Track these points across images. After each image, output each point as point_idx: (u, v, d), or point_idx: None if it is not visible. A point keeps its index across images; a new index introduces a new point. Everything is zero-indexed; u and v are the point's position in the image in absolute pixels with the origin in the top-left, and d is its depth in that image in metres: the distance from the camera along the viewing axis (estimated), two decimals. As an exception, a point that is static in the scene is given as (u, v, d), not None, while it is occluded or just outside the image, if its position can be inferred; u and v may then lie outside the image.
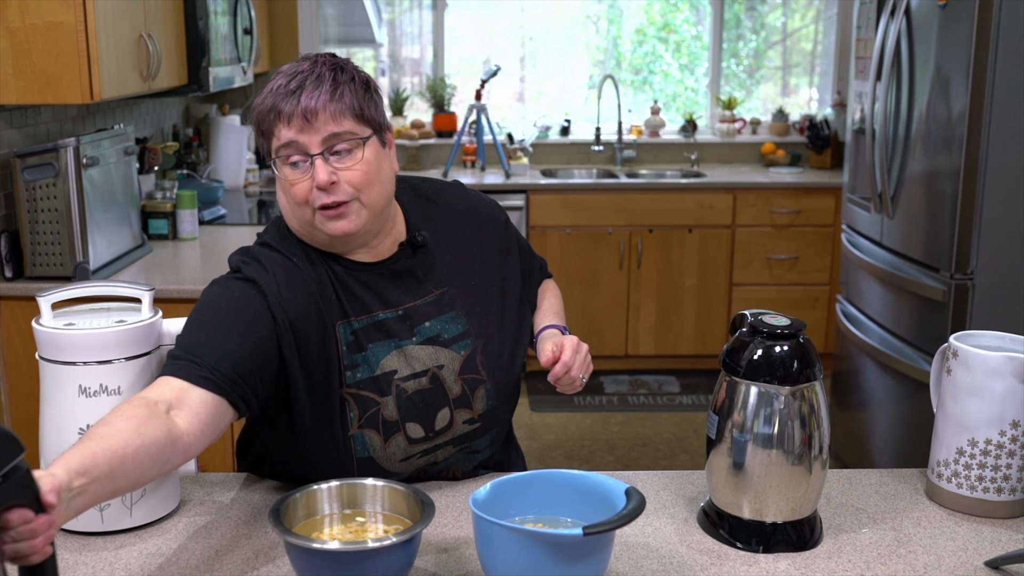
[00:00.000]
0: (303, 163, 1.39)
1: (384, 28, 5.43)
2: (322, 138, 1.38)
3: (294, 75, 1.40)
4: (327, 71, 1.40)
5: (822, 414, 1.32)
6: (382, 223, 1.47)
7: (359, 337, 1.44)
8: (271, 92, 1.40)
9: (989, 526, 1.39)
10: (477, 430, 1.53)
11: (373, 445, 1.44)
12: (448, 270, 1.55)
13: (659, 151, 5.33)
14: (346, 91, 1.40)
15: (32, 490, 0.99)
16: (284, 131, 1.39)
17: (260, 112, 1.42)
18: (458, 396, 1.50)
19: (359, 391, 1.44)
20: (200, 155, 4.36)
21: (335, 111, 1.38)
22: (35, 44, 2.59)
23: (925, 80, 3.14)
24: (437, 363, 1.49)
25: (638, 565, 1.28)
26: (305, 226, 1.43)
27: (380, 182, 1.42)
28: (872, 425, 3.54)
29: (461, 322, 1.53)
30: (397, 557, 1.14)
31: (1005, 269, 2.98)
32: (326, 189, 1.38)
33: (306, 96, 1.37)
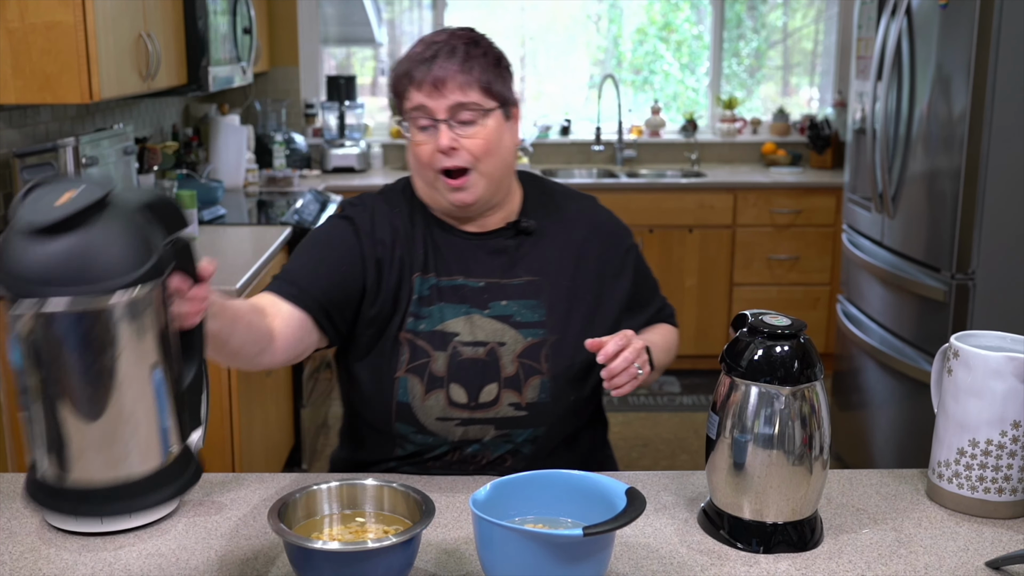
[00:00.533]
0: (430, 127, 1.50)
1: (384, 28, 5.43)
2: (448, 105, 1.48)
3: (431, 44, 1.51)
4: (461, 44, 1.51)
5: (823, 414, 1.32)
6: (499, 195, 1.56)
7: (433, 293, 1.54)
8: (408, 58, 1.52)
9: (990, 526, 1.39)
10: (521, 419, 1.54)
11: (413, 393, 1.52)
12: (545, 263, 1.59)
13: (659, 151, 5.33)
14: (476, 65, 1.50)
15: (192, 262, 1.11)
16: (415, 95, 1.50)
17: (396, 75, 1.53)
18: (510, 376, 1.53)
19: (415, 339, 1.53)
20: (199, 155, 4.36)
21: (463, 82, 1.48)
22: (34, 44, 2.59)
23: (926, 80, 3.14)
24: (500, 340, 1.54)
25: (638, 565, 1.28)
26: (428, 188, 1.54)
27: (499, 153, 1.52)
28: (873, 425, 3.54)
29: (540, 312, 1.56)
30: (397, 557, 1.14)
31: (1006, 269, 2.98)
32: (447, 153, 1.49)
33: (438, 65, 1.48)
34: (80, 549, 1.32)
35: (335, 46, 5.48)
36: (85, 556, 1.30)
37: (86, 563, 1.28)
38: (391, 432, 1.56)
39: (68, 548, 1.32)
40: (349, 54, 5.62)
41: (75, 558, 1.29)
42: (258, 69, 4.60)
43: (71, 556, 1.30)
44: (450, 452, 1.56)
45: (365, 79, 5.63)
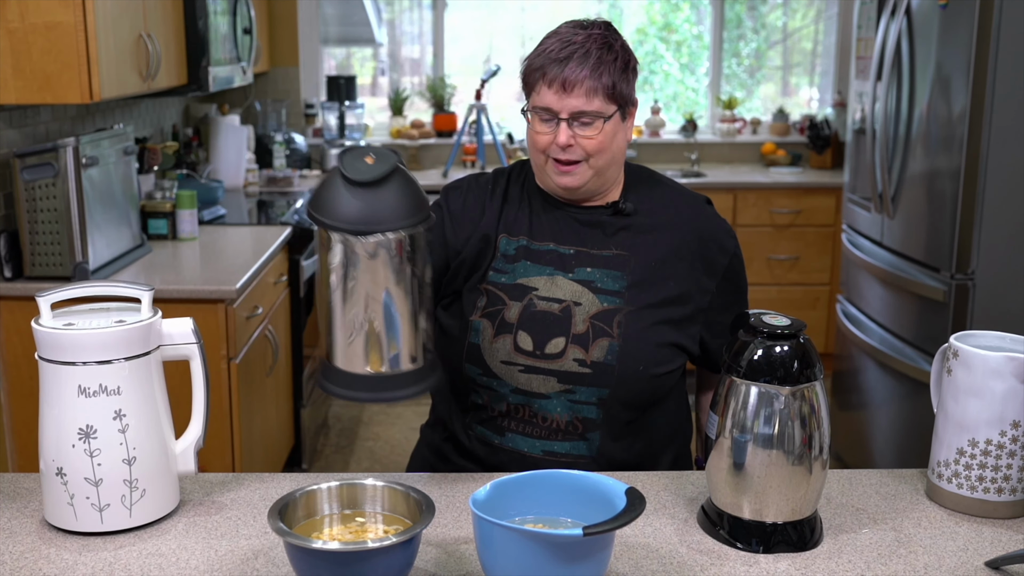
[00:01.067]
0: (551, 121, 1.59)
1: (384, 28, 5.43)
2: (572, 110, 1.57)
3: (567, 43, 1.59)
4: (595, 48, 1.58)
5: (822, 414, 1.32)
6: (605, 185, 1.66)
7: (520, 252, 1.65)
8: (543, 53, 1.60)
9: (989, 526, 1.39)
10: (584, 376, 1.59)
11: (484, 335, 1.61)
12: (637, 241, 1.66)
13: (659, 151, 5.33)
14: (605, 72, 1.58)
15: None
16: (544, 91, 1.59)
17: (530, 68, 1.62)
18: (579, 334, 1.60)
19: (495, 289, 1.64)
20: (200, 155, 4.36)
21: (590, 88, 1.57)
22: (34, 44, 2.59)
23: (926, 80, 3.14)
24: (576, 300, 1.61)
25: (638, 565, 1.28)
26: (539, 169, 1.66)
27: (611, 151, 1.61)
28: (872, 425, 3.54)
29: (621, 283, 1.63)
30: (397, 557, 1.14)
31: (1006, 269, 2.98)
32: (563, 148, 1.59)
33: (570, 68, 1.57)
34: (80, 549, 1.32)
35: (335, 46, 5.48)
36: (85, 556, 1.30)
37: (86, 563, 1.28)
38: (462, 374, 1.64)
39: (68, 548, 1.32)
40: (349, 54, 5.62)
41: (75, 558, 1.29)
42: (258, 69, 4.60)
43: (71, 556, 1.30)
44: (520, 407, 1.61)
45: (365, 79, 5.63)
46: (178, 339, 1.42)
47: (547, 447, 1.62)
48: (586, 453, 1.62)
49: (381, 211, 1.28)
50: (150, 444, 1.36)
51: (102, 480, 1.33)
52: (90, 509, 1.33)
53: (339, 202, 1.27)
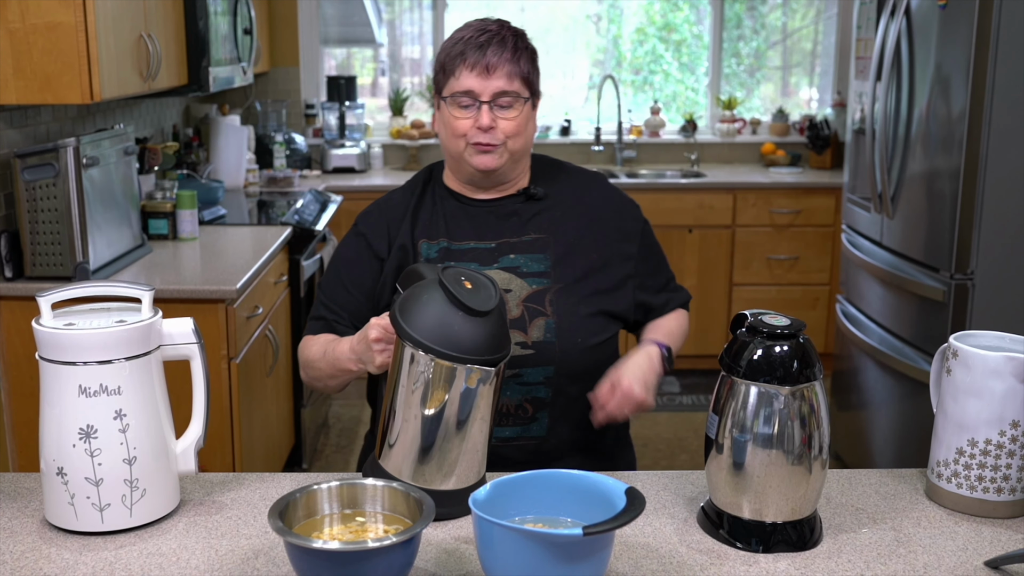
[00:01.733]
0: (471, 106, 1.65)
1: (384, 28, 5.43)
2: (493, 91, 1.64)
3: (484, 31, 1.67)
4: (510, 36, 1.67)
5: (822, 414, 1.32)
6: (516, 170, 1.73)
7: (442, 255, 1.70)
8: (462, 40, 1.67)
9: (989, 526, 1.39)
10: (528, 357, 1.64)
11: None
12: (552, 222, 1.73)
13: (659, 151, 5.33)
14: (522, 57, 1.67)
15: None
16: (465, 75, 1.64)
17: (449, 54, 1.67)
18: (515, 318, 1.65)
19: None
20: (200, 155, 4.36)
21: (510, 71, 1.65)
22: (35, 44, 2.59)
23: (925, 80, 3.14)
24: (506, 287, 1.67)
25: (638, 565, 1.28)
26: (456, 157, 1.70)
27: (526, 135, 1.70)
28: (872, 425, 3.54)
29: (545, 264, 1.70)
30: (397, 557, 1.14)
31: (1005, 269, 2.98)
32: (484, 130, 1.65)
33: (491, 51, 1.64)
34: (80, 549, 1.32)
35: (335, 46, 5.48)
36: (85, 556, 1.30)
37: (86, 563, 1.28)
38: None
39: (68, 548, 1.32)
40: (349, 54, 5.62)
41: (75, 558, 1.30)
42: (258, 69, 4.60)
43: (71, 556, 1.30)
44: None
45: (365, 79, 5.63)
46: (178, 339, 1.42)
47: (498, 433, 1.65)
48: (536, 434, 1.66)
49: (499, 338, 1.36)
50: (150, 444, 1.36)
51: (103, 480, 1.33)
52: (91, 509, 1.34)
53: (460, 331, 1.32)
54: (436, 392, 1.33)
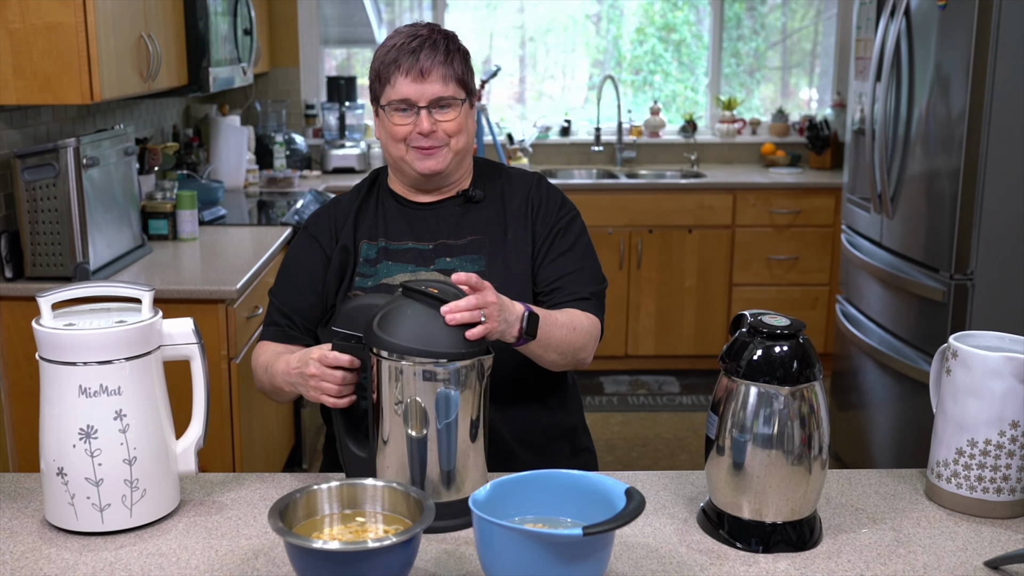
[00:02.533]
0: (409, 110, 1.66)
1: (384, 28, 5.43)
2: (430, 97, 1.65)
3: (415, 36, 1.67)
4: (441, 39, 1.68)
5: (822, 414, 1.33)
6: (459, 171, 1.74)
7: (381, 254, 1.72)
8: (394, 47, 1.67)
9: (988, 526, 1.39)
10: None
11: None
12: (487, 223, 1.74)
13: (659, 151, 5.33)
14: (455, 59, 1.68)
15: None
16: (400, 81, 1.65)
17: (383, 61, 1.68)
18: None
19: (362, 294, 1.67)
20: (200, 155, 4.36)
21: (444, 74, 1.66)
22: (35, 44, 2.59)
23: (925, 80, 3.14)
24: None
25: (638, 565, 1.28)
26: (398, 161, 1.71)
27: (467, 133, 1.71)
28: (872, 425, 3.54)
29: (479, 264, 1.70)
30: (397, 557, 1.14)
31: (1005, 269, 2.98)
32: (425, 135, 1.66)
33: (424, 56, 1.65)
34: (80, 549, 1.32)
35: (335, 47, 5.49)
36: (85, 556, 1.30)
37: (86, 563, 1.28)
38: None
39: (68, 548, 1.32)
40: (349, 55, 5.62)
41: (75, 558, 1.30)
42: (258, 70, 4.60)
43: (71, 556, 1.30)
44: None
45: (365, 80, 5.63)
46: (179, 339, 1.42)
47: None
48: None
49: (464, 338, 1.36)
50: (151, 444, 1.37)
51: (103, 480, 1.33)
52: (91, 509, 1.34)
53: (444, 331, 1.34)
54: (422, 405, 1.34)
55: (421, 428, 1.35)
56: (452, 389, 1.34)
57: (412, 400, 1.34)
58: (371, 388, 1.39)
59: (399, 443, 1.36)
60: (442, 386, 1.33)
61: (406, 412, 1.35)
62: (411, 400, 1.34)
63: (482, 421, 1.39)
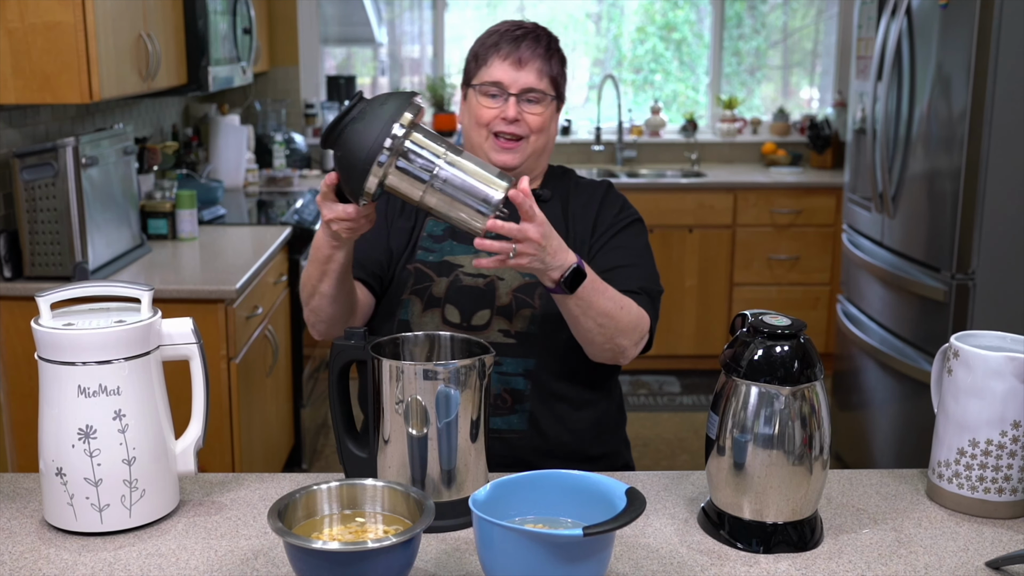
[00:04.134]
0: (499, 97, 1.68)
1: (384, 28, 5.43)
2: (522, 85, 1.67)
3: (520, 26, 1.71)
4: (544, 36, 1.71)
5: (823, 414, 1.32)
6: (535, 169, 1.76)
7: (446, 233, 1.74)
8: (498, 32, 1.71)
9: (990, 526, 1.39)
10: (510, 347, 1.66)
11: (413, 311, 1.69)
12: (553, 222, 1.67)
13: (659, 151, 5.33)
14: (554, 58, 1.71)
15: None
16: (497, 65, 1.68)
17: (484, 43, 1.71)
18: (504, 306, 1.68)
19: (422, 267, 1.71)
20: (199, 155, 4.36)
21: (541, 69, 1.68)
22: (34, 44, 2.59)
23: (926, 80, 3.14)
24: (500, 274, 1.70)
25: (638, 565, 1.28)
26: (477, 147, 1.72)
27: (547, 133, 1.73)
28: (873, 425, 3.54)
29: None
30: (397, 557, 1.14)
31: (1006, 269, 2.98)
32: (510, 122, 1.68)
33: (525, 46, 1.68)
34: (80, 549, 1.32)
35: (335, 46, 5.48)
36: (85, 556, 1.30)
37: (86, 563, 1.28)
38: None
39: (68, 548, 1.32)
40: (349, 54, 5.62)
41: (75, 558, 1.29)
42: (258, 69, 4.59)
43: (71, 556, 1.30)
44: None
45: (365, 79, 5.63)
46: (178, 339, 1.41)
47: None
48: (518, 427, 1.67)
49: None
50: (150, 444, 1.36)
51: (102, 480, 1.33)
52: (90, 509, 1.33)
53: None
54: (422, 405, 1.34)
55: (422, 427, 1.35)
56: (452, 388, 1.33)
57: (412, 399, 1.34)
58: (371, 388, 1.39)
59: (400, 443, 1.36)
60: (442, 385, 1.33)
61: (407, 411, 1.35)
62: (411, 399, 1.34)
63: (482, 421, 1.38)
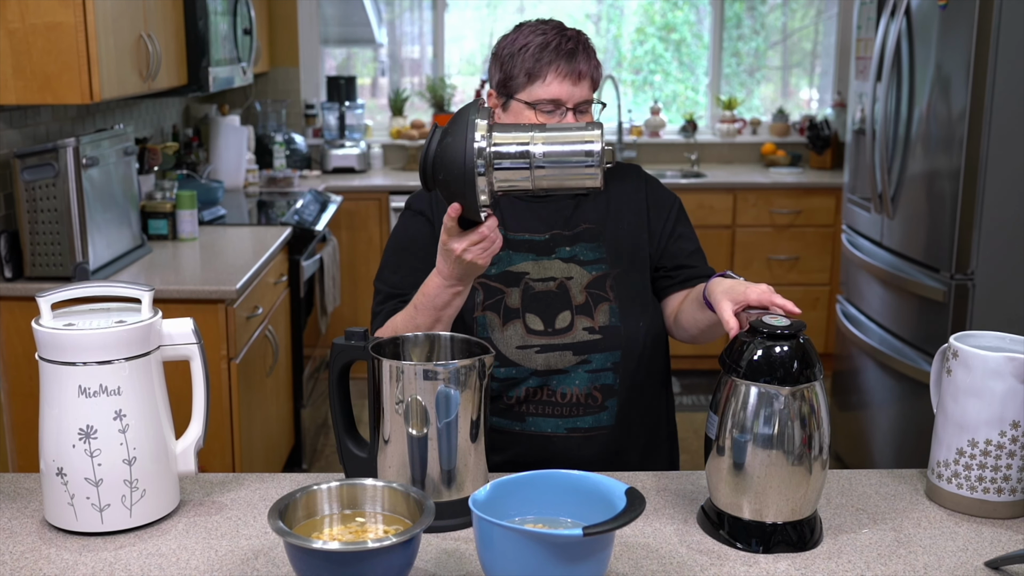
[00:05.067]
0: (554, 112, 1.69)
1: (384, 28, 5.43)
2: (579, 99, 1.69)
3: (566, 37, 1.70)
4: (586, 43, 1.72)
5: (822, 414, 1.32)
6: None
7: (504, 244, 1.69)
8: (547, 46, 1.69)
9: (989, 526, 1.39)
10: (596, 342, 1.68)
11: (492, 326, 1.69)
12: (600, 212, 1.78)
13: (659, 151, 5.33)
14: (597, 65, 1.73)
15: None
16: (555, 83, 1.68)
17: (538, 59, 1.69)
18: (581, 304, 1.70)
19: (488, 281, 1.71)
20: (200, 155, 4.36)
21: (592, 79, 1.71)
22: (35, 44, 2.59)
23: (925, 80, 3.14)
24: (567, 275, 1.72)
25: (638, 565, 1.28)
26: None
27: None
28: (872, 425, 3.54)
29: (600, 251, 1.74)
30: (397, 557, 1.14)
31: (1005, 269, 2.98)
32: None
33: (580, 60, 1.69)
34: (80, 549, 1.32)
35: (335, 46, 5.48)
36: (85, 556, 1.30)
37: (86, 563, 1.28)
38: None
39: (68, 548, 1.32)
40: (349, 54, 5.62)
41: (75, 558, 1.30)
42: (258, 69, 4.59)
43: (71, 556, 1.30)
44: (538, 390, 1.67)
45: (365, 80, 5.63)
46: (178, 339, 1.42)
47: (570, 424, 1.68)
48: (607, 423, 1.69)
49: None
50: (150, 444, 1.36)
51: (102, 480, 1.33)
52: (90, 509, 1.34)
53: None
54: (422, 404, 1.34)
55: (421, 427, 1.35)
56: (452, 388, 1.34)
57: (412, 399, 1.34)
58: (371, 388, 1.39)
59: (400, 443, 1.36)
60: (442, 385, 1.33)
61: (407, 411, 1.35)
62: (411, 399, 1.34)
63: (482, 421, 1.38)
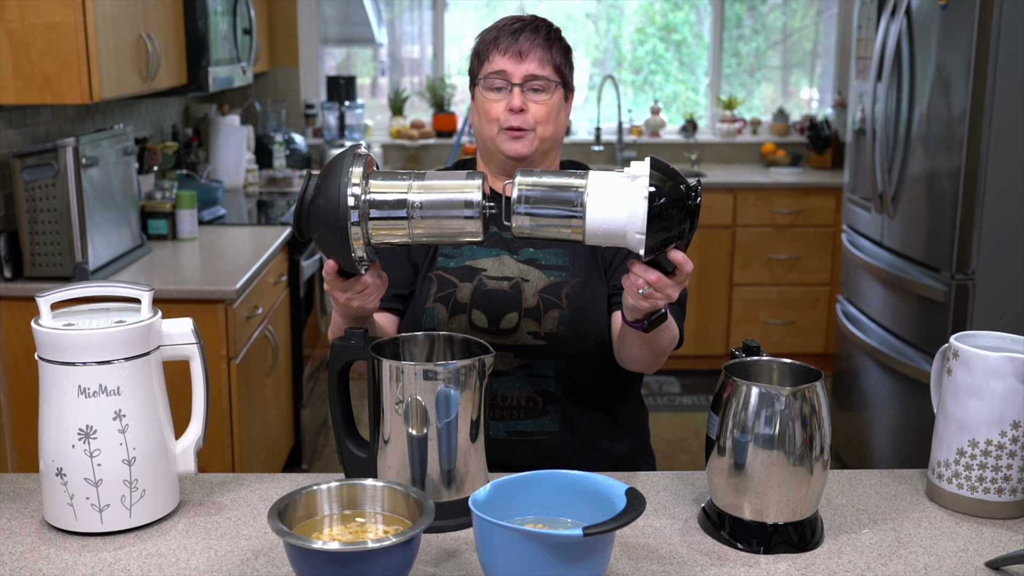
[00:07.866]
0: (503, 90, 1.68)
1: (384, 28, 5.43)
2: (525, 74, 1.67)
3: (518, 20, 1.73)
4: (544, 26, 1.73)
5: (823, 415, 1.32)
6: (546, 160, 1.75)
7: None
8: (497, 27, 1.72)
9: (990, 527, 1.39)
10: (540, 348, 1.67)
11: (439, 319, 1.69)
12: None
13: (659, 151, 5.33)
14: (555, 46, 1.71)
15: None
16: (497, 59, 1.68)
17: (484, 40, 1.72)
18: (531, 307, 1.68)
19: (444, 274, 1.71)
20: (199, 155, 4.36)
21: (542, 57, 1.68)
22: (34, 44, 2.59)
23: (926, 80, 3.14)
24: (524, 276, 1.70)
25: (638, 566, 1.28)
26: (489, 144, 1.72)
27: (556, 123, 1.71)
28: (873, 426, 3.54)
29: (564, 258, 1.72)
30: (397, 558, 1.14)
31: (1006, 269, 2.98)
32: (515, 112, 1.67)
33: (524, 37, 1.69)
34: (80, 549, 1.32)
35: (335, 46, 5.48)
36: (85, 556, 1.30)
37: (86, 563, 1.28)
38: None
39: (68, 548, 1.32)
40: (349, 54, 5.62)
41: (75, 558, 1.29)
42: (258, 69, 4.59)
43: (71, 556, 1.30)
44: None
45: (365, 79, 5.63)
46: (178, 339, 1.42)
47: (512, 427, 1.67)
48: (550, 428, 1.68)
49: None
50: (150, 444, 1.36)
51: (102, 480, 1.33)
52: (90, 509, 1.33)
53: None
54: (422, 405, 1.34)
55: (421, 427, 1.35)
56: (452, 388, 1.34)
57: (412, 399, 1.34)
58: (371, 388, 1.39)
59: (400, 443, 1.36)
60: (442, 385, 1.33)
61: (406, 411, 1.35)
62: (411, 399, 1.34)
63: (482, 421, 1.38)
